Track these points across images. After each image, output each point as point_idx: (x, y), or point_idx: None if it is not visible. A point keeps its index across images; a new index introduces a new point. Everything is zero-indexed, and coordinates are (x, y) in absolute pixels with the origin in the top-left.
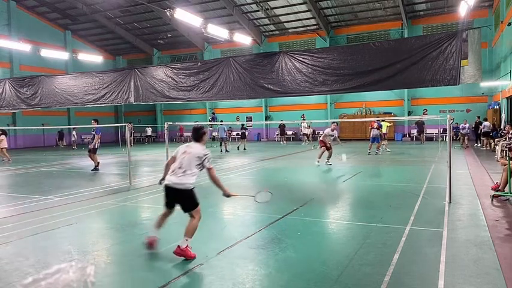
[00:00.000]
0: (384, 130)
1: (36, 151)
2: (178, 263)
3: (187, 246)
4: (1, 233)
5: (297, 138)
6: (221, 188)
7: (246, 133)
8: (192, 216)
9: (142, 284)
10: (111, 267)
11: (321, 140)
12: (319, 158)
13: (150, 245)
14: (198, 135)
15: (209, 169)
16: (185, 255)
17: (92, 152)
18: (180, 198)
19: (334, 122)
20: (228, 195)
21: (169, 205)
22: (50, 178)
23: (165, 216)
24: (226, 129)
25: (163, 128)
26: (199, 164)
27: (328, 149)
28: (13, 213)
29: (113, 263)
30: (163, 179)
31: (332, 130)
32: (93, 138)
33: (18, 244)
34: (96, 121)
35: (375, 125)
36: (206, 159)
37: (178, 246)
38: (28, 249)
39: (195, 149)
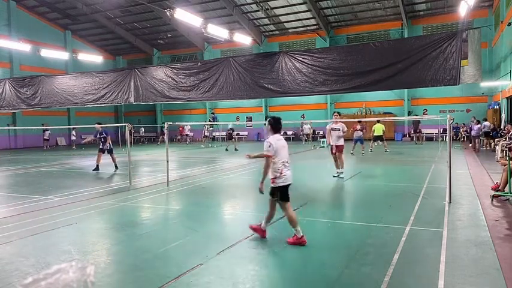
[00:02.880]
0: (380, 132)
1: (36, 151)
2: (178, 263)
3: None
4: (1, 233)
5: (297, 138)
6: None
7: (233, 134)
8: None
9: (142, 284)
10: (111, 267)
11: (334, 146)
12: (337, 167)
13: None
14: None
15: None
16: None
17: (110, 153)
18: None
19: (335, 112)
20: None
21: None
22: (50, 178)
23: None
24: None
25: (163, 127)
26: None
27: (338, 154)
28: (13, 213)
29: (113, 263)
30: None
31: (336, 123)
32: (105, 140)
33: (18, 244)
34: (100, 123)
35: (358, 127)
36: None
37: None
38: (28, 249)
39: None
